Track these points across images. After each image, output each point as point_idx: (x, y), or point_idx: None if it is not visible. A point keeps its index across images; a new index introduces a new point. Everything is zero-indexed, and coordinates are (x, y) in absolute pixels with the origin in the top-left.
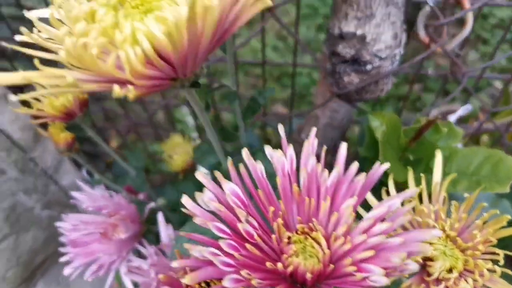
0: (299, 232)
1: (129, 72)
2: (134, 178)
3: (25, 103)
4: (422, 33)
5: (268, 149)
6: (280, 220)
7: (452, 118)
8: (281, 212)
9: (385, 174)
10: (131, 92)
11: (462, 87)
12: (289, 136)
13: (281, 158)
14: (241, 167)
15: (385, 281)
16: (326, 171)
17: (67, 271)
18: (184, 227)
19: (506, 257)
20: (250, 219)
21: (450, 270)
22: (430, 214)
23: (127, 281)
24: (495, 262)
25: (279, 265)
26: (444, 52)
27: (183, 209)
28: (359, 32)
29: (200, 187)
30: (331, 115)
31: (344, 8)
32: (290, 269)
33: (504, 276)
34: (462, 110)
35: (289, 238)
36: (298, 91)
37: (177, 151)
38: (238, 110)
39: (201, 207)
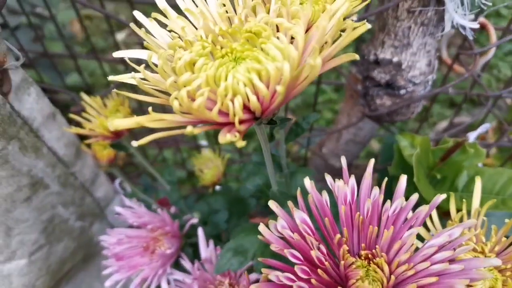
0: (362, 258)
1: (232, 118)
2: (168, 191)
3: (73, 122)
4: (444, 54)
5: (328, 178)
6: (345, 247)
7: (472, 136)
8: (345, 239)
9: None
10: (238, 138)
11: (487, 110)
12: (307, 149)
13: (344, 188)
14: (310, 197)
15: None
16: (389, 202)
17: (108, 283)
18: (229, 244)
19: None
20: (321, 246)
21: None
22: (472, 238)
23: None
24: None
25: None
26: (474, 78)
27: (259, 236)
28: (395, 59)
29: (230, 202)
30: (355, 132)
31: (381, 36)
32: None
33: None
34: (481, 129)
35: (353, 263)
36: (304, 99)
37: (208, 166)
38: (282, 133)
39: (274, 233)
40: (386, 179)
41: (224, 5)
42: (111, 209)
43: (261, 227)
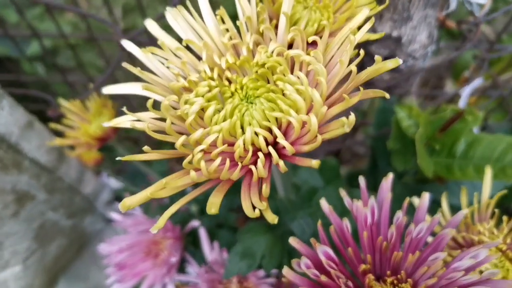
0: (387, 283)
1: (257, 176)
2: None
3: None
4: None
5: (346, 199)
6: (371, 276)
7: (465, 93)
8: (368, 265)
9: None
10: (265, 207)
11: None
12: None
13: (363, 210)
14: (331, 228)
15: None
16: (413, 225)
17: None
18: (236, 247)
19: None
20: (348, 282)
21: None
22: (484, 232)
23: None
24: None
25: None
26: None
27: (283, 279)
28: (394, 33)
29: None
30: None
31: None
32: None
33: None
34: (475, 84)
35: None
36: None
37: None
38: None
39: (297, 272)
40: (407, 199)
41: (228, 31)
42: (101, 201)
43: (285, 270)
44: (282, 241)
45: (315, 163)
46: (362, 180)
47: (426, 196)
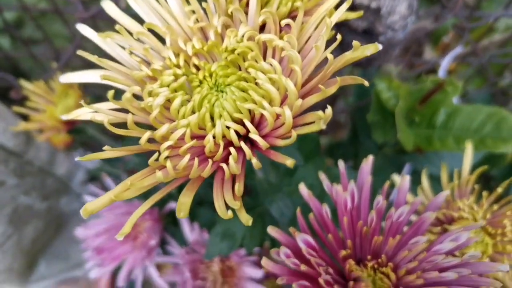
0: (368, 267)
1: (229, 174)
2: (137, 161)
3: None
4: None
5: (326, 182)
6: (351, 261)
7: (445, 62)
8: (349, 251)
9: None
10: (239, 206)
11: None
12: None
13: (343, 194)
14: (311, 215)
15: None
16: (393, 209)
17: (94, 274)
18: (216, 228)
19: None
20: (329, 269)
21: (481, 255)
22: (464, 208)
23: (160, 281)
24: None
25: None
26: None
27: (263, 269)
28: (373, 4)
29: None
30: None
31: None
32: None
33: None
34: (455, 53)
35: (360, 276)
36: None
37: None
38: None
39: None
40: (387, 182)
41: (194, 12)
42: (76, 181)
43: (264, 261)
44: (262, 220)
45: (290, 162)
46: (341, 164)
47: (406, 179)
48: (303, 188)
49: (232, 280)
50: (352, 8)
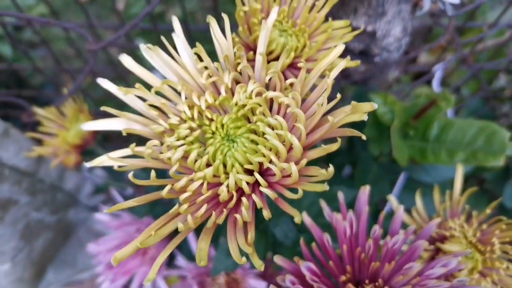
0: None
1: (243, 220)
2: (143, 177)
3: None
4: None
5: (326, 210)
6: (351, 286)
7: (438, 75)
8: (348, 275)
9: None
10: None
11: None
12: None
13: (342, 222)
14: (313, 245)
15: None
16: (389, 237)
17: None
18: (222, 245)
19: None
20: None
21: (471, 270)
22: (455, 228)
23: None
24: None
25: None
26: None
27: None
28: (369, 28)
29: None
30: None
31: (353, 4)
32: None
33: None
34: (441, 69)
35: None
36: None
37: None
38: None
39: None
40: (383, 213)
41: (206, 68)
42: (84, 193)
43: None
44: (266, 235)
45: (297, 219)
46: (341, 195)
47: (400, 210)
48: (306, 217)
49: None
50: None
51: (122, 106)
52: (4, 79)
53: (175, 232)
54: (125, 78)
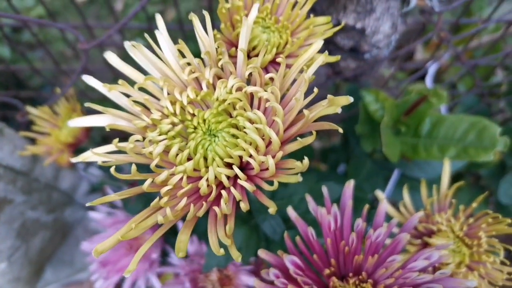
0: (350, 284)
1: (221, 215)
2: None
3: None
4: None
5: (312, 204)
6: (335, 279)
7: (431, 71)
8: (333, 268)
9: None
10: (230, 243)
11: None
12: None
13: (327, 217)
14: (297, 239)
15: None
16: (372, 231)
17: (99, 286)
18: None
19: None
20: (314, 287)
21: (459, 264)
22: (442, 222)
23: None
24: (496, 253)
25: None
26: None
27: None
28: (358, 25)
29: None
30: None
31: (343, 1)
32: None
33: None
34: (434, 67)
35: None
36: None
37: None
38: None
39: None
40: (366, 206)
41: (189, 64)
42: (80, 192)
43: (256, 282)
44: (257, 232)
45: (272, 210)
46: (325, 190)
47: (384, 202)
48: (290, 211)
49: None
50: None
51: (119, 106)
52: (3, 81)
53: (172, 229)
54: (123, 79)
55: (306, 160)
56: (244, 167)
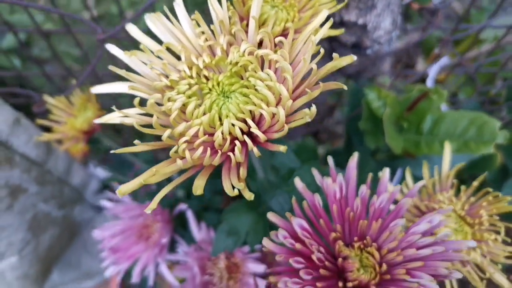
0: (355, 248)
1: (235, 162)
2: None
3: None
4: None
5: (318, 176)
6: (340, 242)
7: (432, 72)
8: (338, 233)
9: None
10: (243, 187)
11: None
12: None
13: (333, 186)
14: (305, 203)
15: (434, 286)
16: (375, 196)
17: (109, 272)
18: (222, 226)
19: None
20: (321, 248)
21: None
22: (444, 201)
23: (170, 277)
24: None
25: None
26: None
27: (263, 249)
28: (360, 21)
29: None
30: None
31: None
32: (355, 282)
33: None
34: (441, 63)
35: (348, 256)
36: None
37: None
38: None
39: (276, 243)
40: (370, 174)
41: (203, 33)
42: (89, 191)
43: (265, 241)
44: (264, 218)
45: (283, 148)
46: (330, 160)
47: (386, 171)
48: (298, 182)
49: (237, 275)
50: (341, 23)
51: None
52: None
53: (180, 221)
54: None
55: (313, 108)
56: (256, 124)
